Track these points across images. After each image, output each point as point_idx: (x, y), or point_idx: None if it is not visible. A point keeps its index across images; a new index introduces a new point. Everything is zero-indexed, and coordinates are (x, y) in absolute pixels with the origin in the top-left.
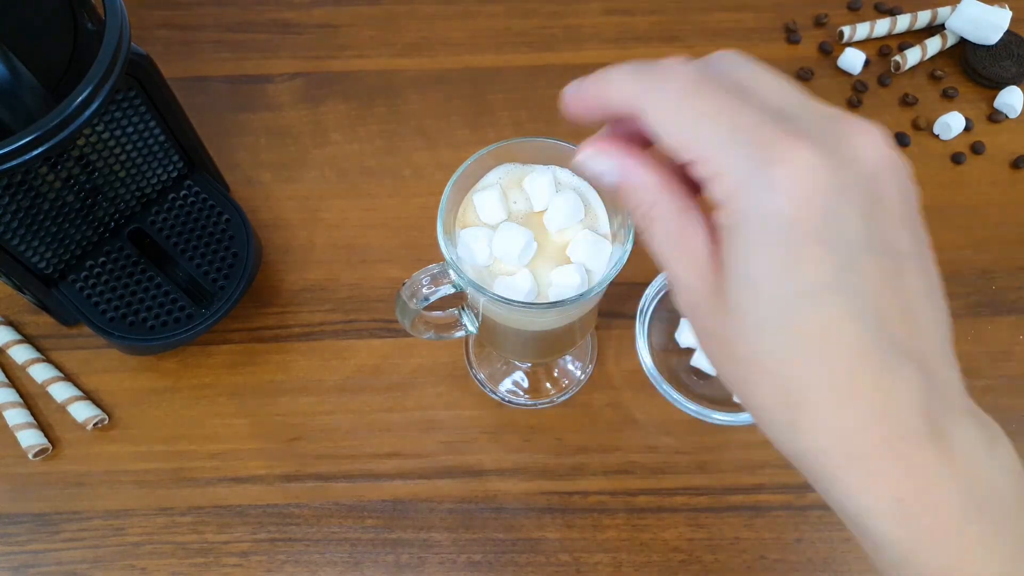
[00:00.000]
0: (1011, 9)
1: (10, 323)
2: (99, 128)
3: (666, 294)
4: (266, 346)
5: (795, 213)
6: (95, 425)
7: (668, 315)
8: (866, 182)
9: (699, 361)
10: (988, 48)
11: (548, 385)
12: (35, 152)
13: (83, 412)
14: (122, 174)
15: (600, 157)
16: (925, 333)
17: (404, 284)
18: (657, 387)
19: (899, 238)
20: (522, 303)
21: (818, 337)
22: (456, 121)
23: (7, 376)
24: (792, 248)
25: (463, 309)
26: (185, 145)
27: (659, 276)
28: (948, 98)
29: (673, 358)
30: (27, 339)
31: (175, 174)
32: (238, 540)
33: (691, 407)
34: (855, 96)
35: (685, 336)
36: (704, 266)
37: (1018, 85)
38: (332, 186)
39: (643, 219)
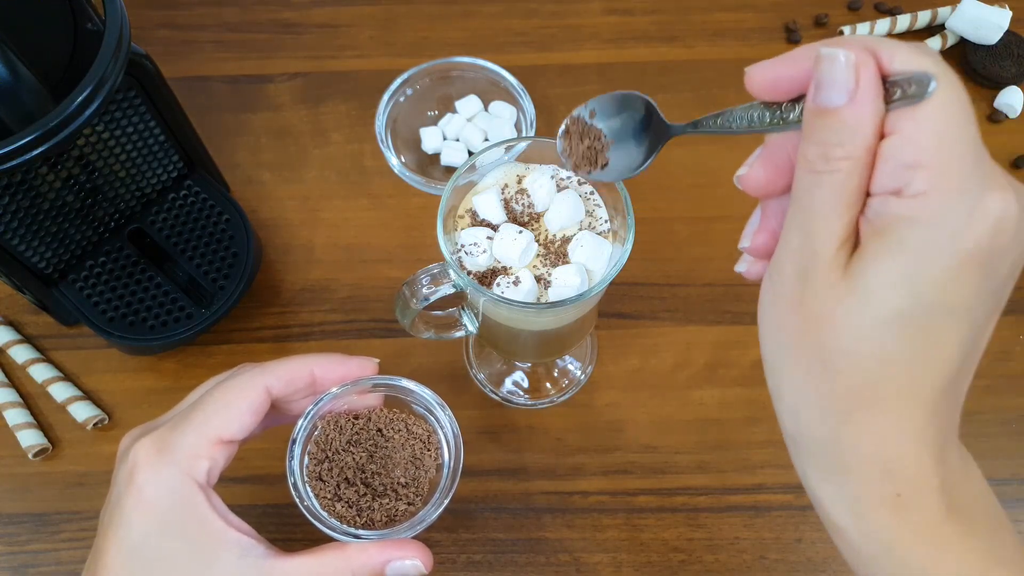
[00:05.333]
0: (1011, 9)
1: (10, 323)
2: (99, 128)
3: None
4: (266, 346)
5: (986, 236)
6: (95, 425)
7: None
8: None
9: None
10: (988, 48)
11: (548, 385)
12: (35, 152)
13: (83, 412)
14: (122, 174)
15: (847, 66)
16: (973, 370)
17: (404, 284)
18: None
19: (1012, 285)
20: (522, 303)
21: (927, 350)
22: None
23: (7, 376)
24: (963, 263)
25: (463, 309)
26: (185, 145)
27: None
28: None
29: None
30: (27, 339)
31: (175, 174)
32: None
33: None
34: None
35: None
36: (843, 238)
37: (1018, 85)
38: (332, 186)
39: (824, 162)
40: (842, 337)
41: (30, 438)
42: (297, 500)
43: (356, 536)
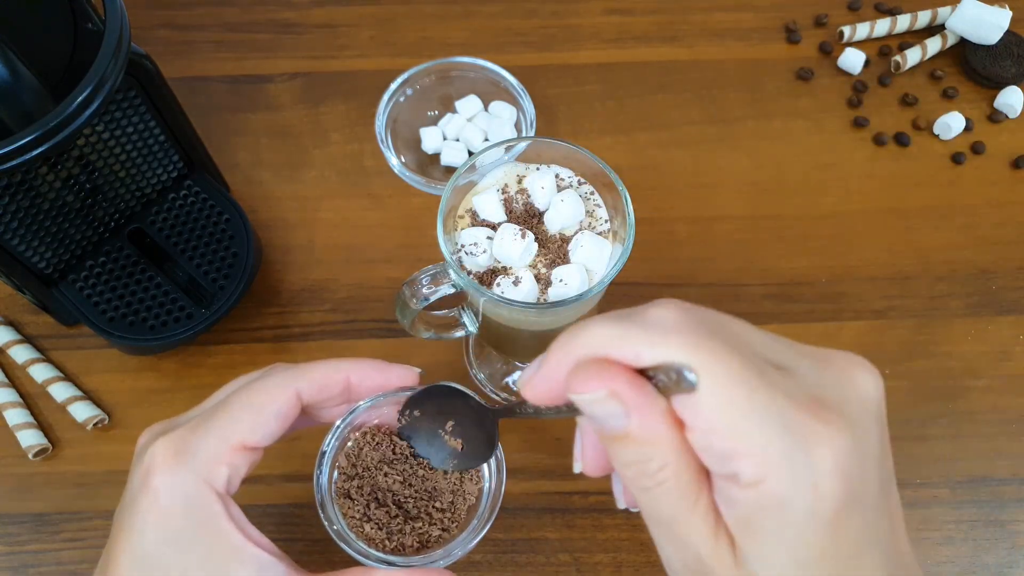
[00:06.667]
0: (1011, 9)
1: (10, 323)
2: (99, 128)
3: None
4: (266, 346)
5: (839, 484)
6: (95, 425)
7: None
8: (879, 430)
9: None
10: (988, 48)
11: None
12: (35, 152)
13: (83, 412)
14: (122, 174)
15: (608, 399)
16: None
17: (404, 284)
18: None
19: (891, 464)
20: (522, 303)
21: None
22: None
23: (7, 376)
24: (835, 517)
25: (463, 309)
26: (185, 145)
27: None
28: (948, 98)
29: None
30: (27, 339)
31: (175, 174)
32: None
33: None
34: (855, 96)
35: None
36: (713, 526)
37: (1018, 85)
38: (332, 186)
39: (647, 479)
40: None
41: (30, 438)
42: (326, 524)
43: (387, 563)
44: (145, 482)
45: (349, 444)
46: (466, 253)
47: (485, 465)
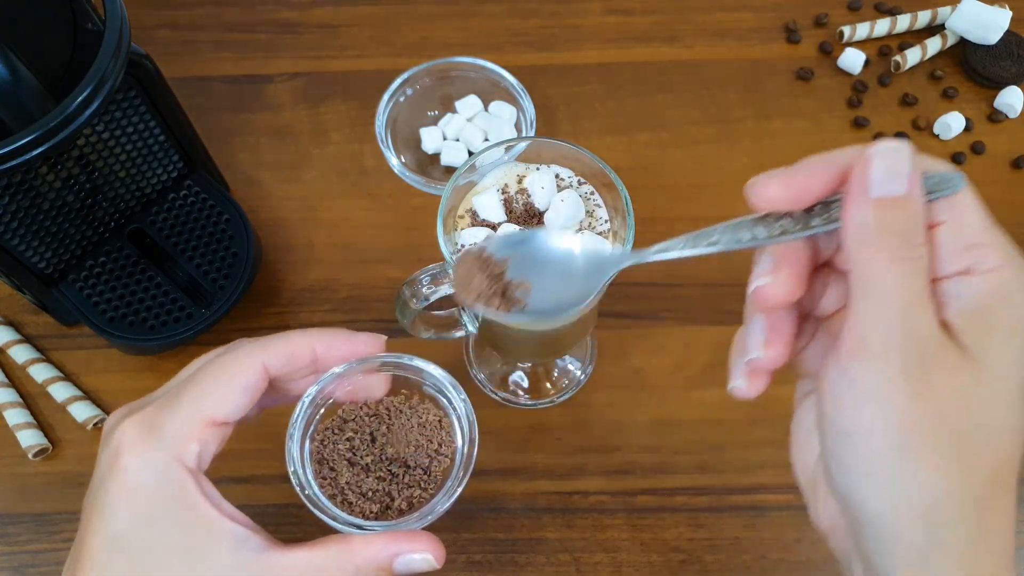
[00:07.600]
0: (1011, 9)
1: (10, 323)
2: (99, 128)
3: None
4: None
5: None
6: (95, 425)
7: None
8: None
9: None
10: (988, 48)
11: (548, 385)
12: (35, 152)
13: (83, 412)
14: (122, 174)
15: (903, 154)
16: None
17: (404, 284)
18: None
19: None
20: None
21: None
22: None
23: (7, 376)
24: None
25: (463, 309)
26: (185, 145)
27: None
28: (948, 98)
29: None
30: (27, 339)
31: (175, 174)
32: None
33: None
34: (855, 96)
35: None
36: (942, 330)
37: (1018, 85)
38: (332, 186)
39: (909, 249)
40: (983, 418)
41: (30, 438)
42: (298, 490)
43: (360, 527)
44: (114, 463)
45: (319, 416)
46: None
47: (457, 425)
